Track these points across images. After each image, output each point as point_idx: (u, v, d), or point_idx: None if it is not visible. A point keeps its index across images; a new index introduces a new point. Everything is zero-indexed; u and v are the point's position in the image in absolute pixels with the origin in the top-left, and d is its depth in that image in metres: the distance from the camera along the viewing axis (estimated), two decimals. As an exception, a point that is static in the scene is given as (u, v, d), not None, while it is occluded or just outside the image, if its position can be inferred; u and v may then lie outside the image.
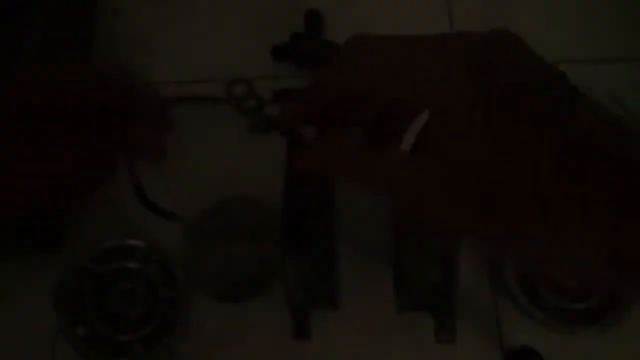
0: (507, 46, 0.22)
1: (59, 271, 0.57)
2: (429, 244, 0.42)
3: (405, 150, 0.26)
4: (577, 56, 0.67)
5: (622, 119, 0.21)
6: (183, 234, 0.62)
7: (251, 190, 0.63)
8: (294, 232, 0.43)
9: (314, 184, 0.45)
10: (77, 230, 0.63)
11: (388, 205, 0.57)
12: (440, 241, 0.42)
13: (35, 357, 0.58)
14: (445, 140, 0.21)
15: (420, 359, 0.56)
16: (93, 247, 0.58)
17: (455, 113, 0.21)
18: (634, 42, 0.68)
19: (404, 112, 0.24)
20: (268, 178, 0.56)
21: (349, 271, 0.57)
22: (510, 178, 0.20)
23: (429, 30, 0.76)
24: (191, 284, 0.59)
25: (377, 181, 0.25)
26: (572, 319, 0.55)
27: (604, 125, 0.21)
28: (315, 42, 0.69)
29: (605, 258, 0.20)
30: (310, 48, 0.68)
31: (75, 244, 0.63)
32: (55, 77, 0.29)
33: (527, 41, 0.24)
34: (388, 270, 0.56)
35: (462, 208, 0.22)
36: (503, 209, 0.21)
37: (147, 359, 0.55)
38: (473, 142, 0.21)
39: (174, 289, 0.58)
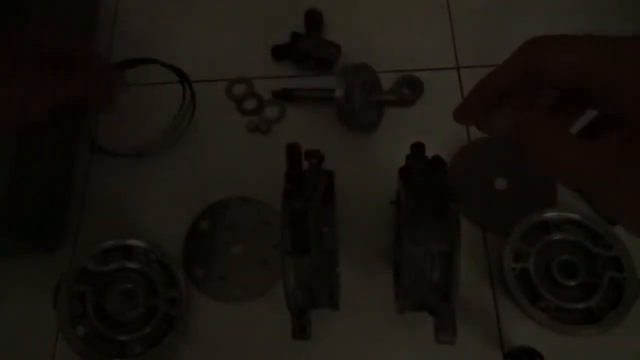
0: None
1: (59, 271, 0.57)
2: (429, 243, 0.42)
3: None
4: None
5: None
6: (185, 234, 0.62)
7: (251, 190, 0.63)
8: (294, 232, 0.43)
9: (314, 184, 0.45)
10: (77, 230, 0.64)
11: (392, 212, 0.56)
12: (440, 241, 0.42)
13: (35, 357, 0.58)
14: None
15: (420, 359, 0.56)
16: (93, 247, 0.58)
17: None
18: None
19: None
20: (268, 178, 0.56)
21: (349, 271, 0.58)
22: None
23: (429, 30, 0.76)
24: (191, 284, 0.59)
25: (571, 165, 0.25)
26: (572, 319, 0.55)
27: None
28: (315, 42, 0.69)
29: None
30: (310, 48, 0.68)
31: (75, 244, 0.63)
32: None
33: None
34: (388, 270, 0.56)
35: None
36: None
37: (147, 359, 0.55)
38: None
39: (174, 289, 0.58)
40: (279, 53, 0.70)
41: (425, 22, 0.72)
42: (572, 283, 0.56)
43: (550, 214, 0.58)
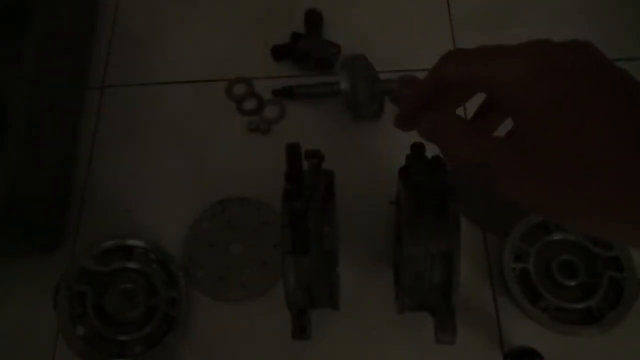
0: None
1: (59, 271, 0.57)
2: (429, 243, 0.42)
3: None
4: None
5: None
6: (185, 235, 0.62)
7: (251, 190, 0.63)
8: (294, 232, 0.43)
9: (314, 184, 0.45)
10: (77, 230, 0.64)
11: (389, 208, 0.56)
12: (441, 241, 0.42)
13: (35, 357, 0.58)
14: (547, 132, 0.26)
15: (420, 359, 0.56)
16: (93, 247, 0.58)
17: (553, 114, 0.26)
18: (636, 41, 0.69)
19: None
20: (268, 178, 0.56)
21: (349, 271, 0.58)
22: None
23: (429, 30, 0.76)
24: (191, 284, 0.59)
25: (474, 155, 0.30)
26: (572, 319, 0.55)
27: None
28: (315, 42, 0.69)
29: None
30: (310, 48, 0.68)
31: (75, 244, 0.63)
32: None
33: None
34: (388, 270, 0.56)
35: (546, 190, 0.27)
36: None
37: (147, 359, 0.55)
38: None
39: (174, 289, 0.58)
40: (279, 53, 0.70)
41: (425, 22, 0.72)
42: (572, 283, 0.56)
43: (550, 214, 0.58)
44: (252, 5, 0.75)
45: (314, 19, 0.70)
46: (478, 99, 0.34)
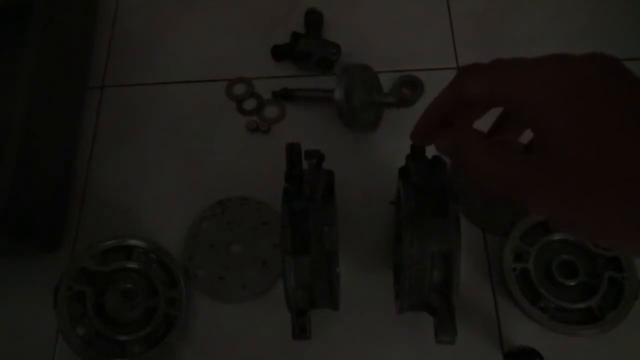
0: None
1: (59, 271, 0.57)
2: (429, 243, 0.42)
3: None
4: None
5: None
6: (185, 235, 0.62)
7: (251, 190, 0.63)
8: (294, 232, 0.43)
9: (314, 184, 0.45)
10: (77, 230, 0.64)
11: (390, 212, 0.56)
12: (441, 240, 0.42)
13: (35, 357, 0.58)
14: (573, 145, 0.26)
15: (420, 359, 0.56)
16: (93, 247, 0.58)
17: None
18: (634, 41, 0.69)
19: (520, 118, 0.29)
20: (268, 178, 0.56)
21: (349, 271, 0.58)
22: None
23: (429, 30, 0.76)
24: (191, 284, 0.59)
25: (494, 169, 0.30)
26: (572, 319, 0.55)
27: None
28: (315, 42, 0.69)
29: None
30: (310, 48, 0.68)
31: (75, 244, 0.63)
32: None
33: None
34: (388, 270, 0.56)
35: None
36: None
37: (147, 359, 0.55)
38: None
39: (174, 289, 0.58)
40: (279, 53, 0.70)
41: (425, 22, 0.72)
42: (572, 283, 0.56)
43: (550, 214, 0.58)
44: (252, 5, 0.75)
45: (314, 19, 0.70)
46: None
